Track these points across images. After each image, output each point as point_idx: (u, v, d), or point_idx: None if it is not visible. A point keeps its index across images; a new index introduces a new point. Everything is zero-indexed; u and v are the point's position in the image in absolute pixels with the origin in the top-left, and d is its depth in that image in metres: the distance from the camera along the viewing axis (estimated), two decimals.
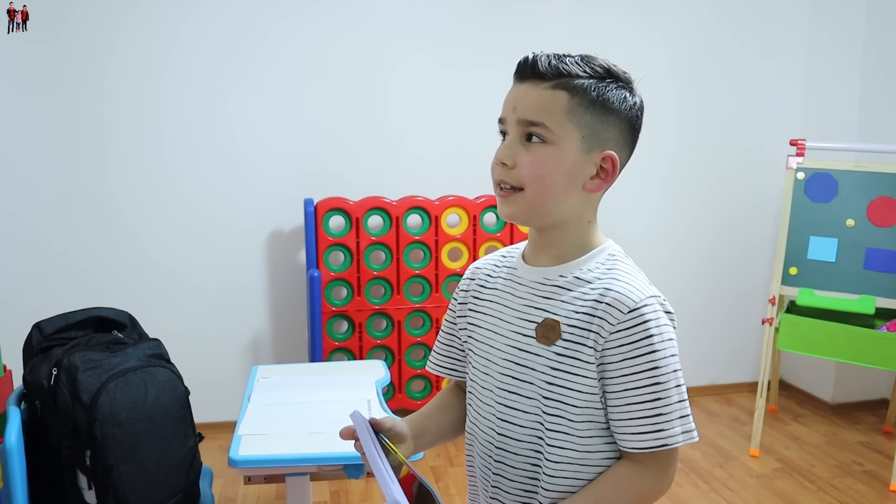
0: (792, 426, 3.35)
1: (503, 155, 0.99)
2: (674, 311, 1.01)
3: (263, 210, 3.22)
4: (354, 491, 2.77)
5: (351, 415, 1.02)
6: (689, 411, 0.97)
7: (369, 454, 0.96)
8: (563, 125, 0.96)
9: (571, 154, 0.97)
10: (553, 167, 0.97)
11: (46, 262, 3.05)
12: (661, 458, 0.97)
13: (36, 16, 2.87)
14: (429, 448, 1.16)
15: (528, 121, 0.97)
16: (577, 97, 0.97)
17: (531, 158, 0.97)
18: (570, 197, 1.00)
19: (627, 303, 0.96)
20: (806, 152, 3.03)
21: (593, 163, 0.99)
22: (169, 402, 1.78)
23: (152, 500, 1.69)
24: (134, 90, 3.05)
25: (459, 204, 3.20)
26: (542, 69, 0.97)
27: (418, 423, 1.14)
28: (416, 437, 1.11)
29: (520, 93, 1.00)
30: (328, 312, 3.12)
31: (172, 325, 3.01)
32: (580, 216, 1.03)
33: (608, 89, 0.98)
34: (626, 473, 0.98)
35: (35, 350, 1.82)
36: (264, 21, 3.10)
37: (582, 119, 0.97)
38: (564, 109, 0.96)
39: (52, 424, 1.68)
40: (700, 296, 3.70)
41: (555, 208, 1.00)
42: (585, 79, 0.97)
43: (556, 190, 0.98)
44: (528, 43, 1.49)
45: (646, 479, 0.98)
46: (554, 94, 0.97)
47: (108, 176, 3.08)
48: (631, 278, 1.00)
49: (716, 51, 3.52)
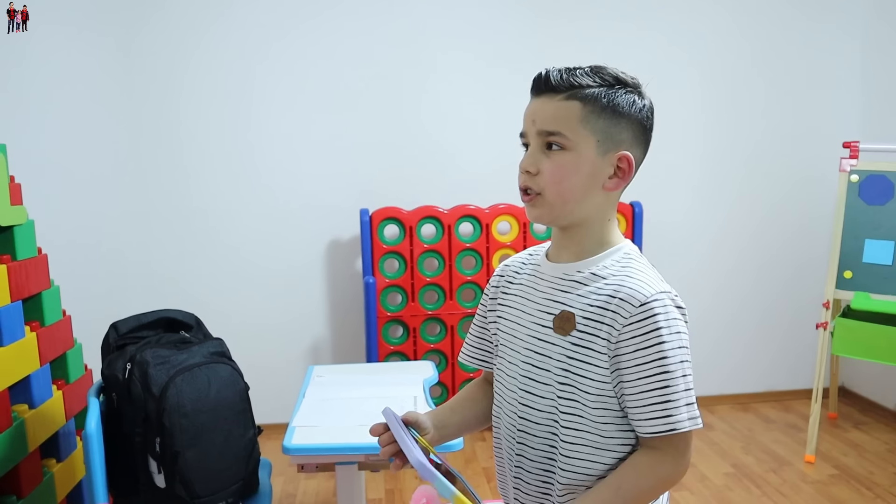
0: (852, 433, 3.28)
1: (527, 163, 1.08)
2: (685, 307, 1.06)
3: (322, 221, 3.37)
4: (408, 489, 2.86)
5: (383, 411, 1.13)
6: (694, 400, 1.03)
7: (402, 443, 1.06)
8: (579, 132, 1.05)
9: (589, 158, 1.05)
10: (572, 171, 1.06)
11: (122, 270, 3.27)
12: (677, 443, 1.03)
13: (112, 39, 3.11)
14: (452, 439, 1.24)
15: (546, 131, 1.06)
16: (590, 105, 1.05)
17: (552, 165, 1.06)
18: (591, 197, 1.08)
19: (639, 297, 1.02)
20: (860, 154, 2.99)
21: (610, 163, 1.07)
22: (230, 395, 1.91)
23: (215, 484, 1.82)
24: (209, 108, 3.24)
25: (509, 212, 3.28)
26: (554, 83, 1.06)
27: (440, 416, 1.23)
28: (439, 427, 1.20)
29: (536, 106, 1.09)
30: (383, 317, 3.24)
31: (237, 327, 3.19)
32: (602, 214, 1.10)
33: (617, 95, 1.06)
34: (645, 460, 1.04)
35: (112, 347, 1.98)
36: (324, 42, 3.26)
37: (595, 125, 1.05)
38: (578, 117, 1.04)
39: (126, 414, 1.82)
40: (757, 302, 3.67)
41: (576, 208, 1.08)
42: (595, 88, 1.05)
43: (576, 191, 1.06)
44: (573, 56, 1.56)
45: (664, 465, 1.03)
46: (568, 105, 1.05)
47: (182, 193, 3.28)
48: (643, 275, 1.06)
49: (767, 49, 3.50)
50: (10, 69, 3.05)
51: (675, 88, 3.42)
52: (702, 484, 2.84)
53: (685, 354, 1.03)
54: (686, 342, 1.03)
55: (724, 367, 3.68)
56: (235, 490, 1.89)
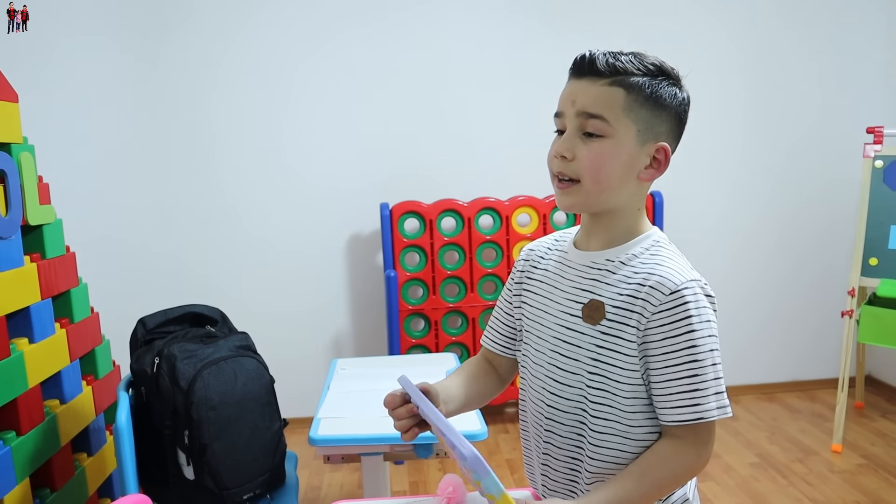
0: (879, 423, 3.25)
1: (562, 148, 1.05)
2: (714, 296, 1.05)
3: (343, 215, 3.39)
4: (433, 481, 2.88)
5: (399, 379, 1.09)
6: (723, 389, 1.02)
7: (428, 409, 1.03)
8: (621, 119, 1.03)
9: (628, 147, 1.04)
10: (611, 160, 1.04)
11: (148, 268, 3.32)
12: (700, 432, 1.02)
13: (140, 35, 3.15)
14: (454, 415, 1.20)
15: (588, 113, 1.03)
16: (634, 94, 1.03)
17: (589, 152, 1.04)
18: (626, 186, 1.06)
19: (669, 286, 1.01)
20: (884, 139, 2.95)
21: (647, 154, 1.06)
22: (256, 388, 1.93)
23: (242, 476, 1.85)
24: (233, 105, 3.27)
25: (529, 204, 3.28)
26: (600, 67, 1.03)
27: (446, 391, 1.20)
28: (445, 402, 1.17)
29: (578, 88, 1.05)
30: (405, 311, 3.25)
31: (260, 322, 3.22)
32: (633, 204, 1.09)
33: (661, 86, 1.04)
34: (668, 448, 1.03)
35: (140, 342, 2.01)
36: (346, 41, 3.27)
37: (638, 114, 1.03)
38: (621, 105, 1.03)
39: (155, 408, 1.85)
40: (781, 291, 3.64)
41: (611, 198, 1.06)
42: (640, 76, 1.03)
43: (612, 181, 1.05)
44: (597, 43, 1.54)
45: (687, 454, 1.03)
46: (612, 91, 1.03)
47: (206, 191, 3.32)
48: (673, 263, 1.05)
49: (790, 35, 3.47)
50: (39, 71, 3.10)
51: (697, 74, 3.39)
52: (727, 474, 2.82)
53: (715, 343, 1.02)
54: (715, 330, 1.03)
55: (749, 357, 3.65)
56: (262, 482, 1.91)
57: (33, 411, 1.81)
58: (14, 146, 1.89)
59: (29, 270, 1.86)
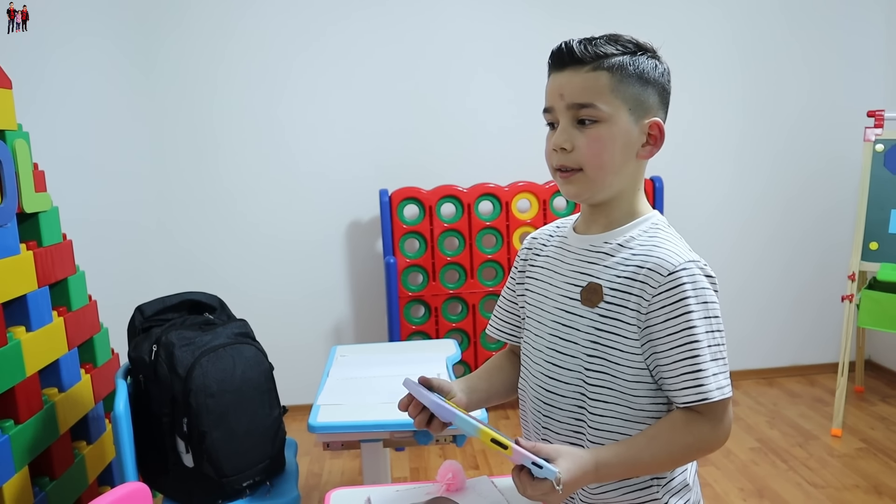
0: (879, 407, 3.25)
1: (560, 140, 1.05)
2: (715, 276, 1.04)
3: (342, 202, 3.38)
4: (433, 467, 2.88)
5: (403, 383, 1.10)
6: (724, 369, 1.01)
7: (423, 398, 1.05)
8: (611, 102, 1.03)
9: (624, 127, 1.04)
10: (609, 143, 1.04)
11: (145, 254, 3.31)
12: (715, 408, 1.01)
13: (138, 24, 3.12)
14: (481, 405, 1.23)
15: (578, 104, 1.03)
16: (618, 74, 1.03)
17: (588, 140, 1.04)
18: (626, 167, 1.06)
19: (667, 266, 1.00)
20: (885, 123, 2.93)
21: (643, 131, 1.06)
22: (255, 375, 1.92)
23: (242, 463, 1.84)
24: (232, 92, 3.26)
25: (529, 189, 3.26)
26: (579, 55, 1.03)
27: (469, 381, 1.23)
28: (467, 392, 1.19)
29: (563, 80, 1.05)
30: (405, 297, 3.25)
31: (259, 309, 3.21)
32: (633, 184, 1.09)
33: (642, 61, 1.05)
34: (682, 417, 1.02)
35: (137, 330, 2.00)
36: (346, 27, 3.25)
37: (626, 93, 1.03)
38: (609, 87, 1.03)
39: (153, 395, 1.85)
40: (780, 276, 3.63)
41: (614, 180, 1.06)
42: (620, 56, 1.03)
43: (615, 163, 1.05)
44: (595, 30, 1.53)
45: (701, 425, 1.01)
46: (597, 76, 1.03)
47: (204, 177, 3.31)
48: (671, 245, 1.04)
49: (791, 19, 3.44)
50: (37, 57, 3.07)
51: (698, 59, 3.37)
52: (727, 459, 2.83)
53: (715, 323, 1.01)
54: (716, 311, 1.02)
55: (749, 342, 3.65)
56: (262, 468, 1.91)
57: (32, 400, 1.80)
58: (8, 133, 1.87)
59: (25, 258, 1.85)
